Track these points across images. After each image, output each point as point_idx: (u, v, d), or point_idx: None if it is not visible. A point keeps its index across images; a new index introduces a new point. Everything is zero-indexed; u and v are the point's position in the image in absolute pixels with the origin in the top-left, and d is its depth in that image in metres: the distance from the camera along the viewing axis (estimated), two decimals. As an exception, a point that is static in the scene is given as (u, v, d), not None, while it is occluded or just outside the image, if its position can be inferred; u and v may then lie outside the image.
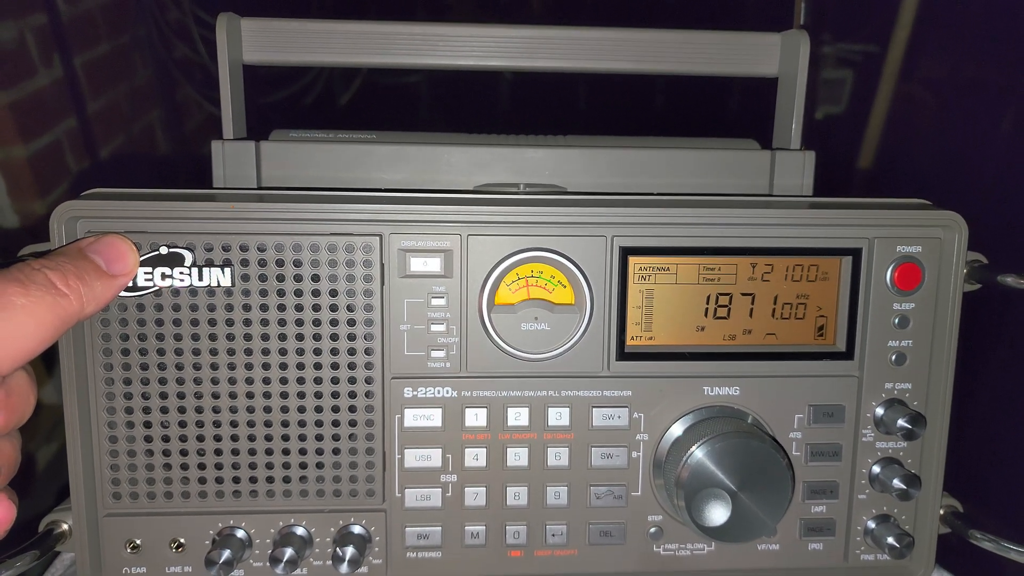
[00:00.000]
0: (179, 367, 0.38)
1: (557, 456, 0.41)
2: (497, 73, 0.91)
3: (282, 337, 0.38)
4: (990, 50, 0.49)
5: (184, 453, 0.39)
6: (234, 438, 0.39)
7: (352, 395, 0.39)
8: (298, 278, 0.38)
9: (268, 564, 0.39)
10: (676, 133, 0.53)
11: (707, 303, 0.41)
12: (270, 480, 0.40)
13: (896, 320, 0.41)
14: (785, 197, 0.48)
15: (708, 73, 0.52)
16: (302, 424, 0.39)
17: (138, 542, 0.40)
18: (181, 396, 0.38)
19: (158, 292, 0.37)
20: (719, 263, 0.40)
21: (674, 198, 0.43)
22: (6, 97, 0.49)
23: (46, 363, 0.44)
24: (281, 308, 0.38)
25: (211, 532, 0.40)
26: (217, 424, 0.39)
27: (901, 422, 0.40)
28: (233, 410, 0.39)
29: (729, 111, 0.84)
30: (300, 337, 0.38)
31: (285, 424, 0.39)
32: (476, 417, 0.40)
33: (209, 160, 0.47)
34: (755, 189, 0.50)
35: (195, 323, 0.38)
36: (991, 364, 0.49)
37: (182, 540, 0.40)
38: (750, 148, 0.51)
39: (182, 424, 0.39)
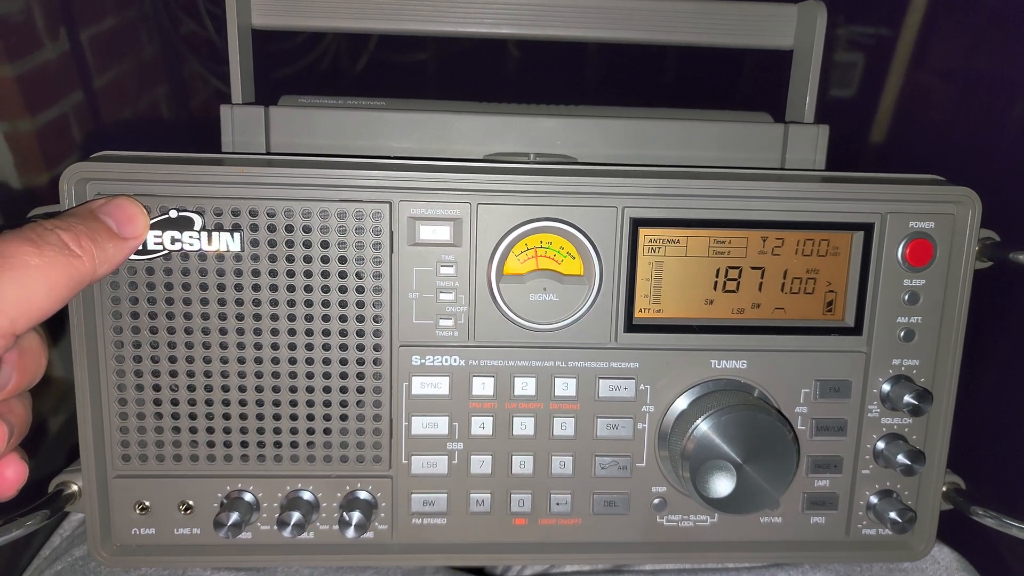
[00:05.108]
0: (188, 331, 0.38)
1: (563, 426, 0.41)
2: (507, 43, 0.90)
3: (291, 303, 0.38)
4: (1006, 26, 0.48)
5: (193, 417, 0.39)
6: (242, 403, 0.39)
7: (360, 362, 0.39)
8: (307, 244, 0.38)
9: (275, 527, 0.40)
10: (689, 104, 0.52)
11: (716, 276, 0.41)
12: (278, 445, 0.40)
13: (906, 296, 0.41)
14: (797, 171, 0.48)
15: (722, 44, 0.51)
16: (310, 390, 0.39)
17: (147, 503, 0.40)
18: (190, 360, 0.39)
19: (167, 256, 0.37)
20: (729, 236, 0.40)
21: (686, 170, 0.42)
22: (12, 70, 0.49)
23: (56, 328, 0.44)
24: (290, 274, 0.38)
25: (219, 495, 0.40)
26: (226, 388, 0.39)
27: (907, 398, 0.40)
28: (241, 375, 0.39)
29: (743, 83, 0.84)
30: (309, 303, 0.38)
31: (293, 390, 0.39)
32: (483, 386, 0.41)
33: (216, 133, 0.47)
34: (767, 163, 0.50)
35: (204, 287, 0.38)
36: (999, 342, 0.49)
37: (191, 502, 0.40)
38: (763, 121, 0.51)
39: (191, 388, 0.39)
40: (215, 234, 0.37)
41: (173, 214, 0.37)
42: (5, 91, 0.49)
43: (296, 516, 0.39)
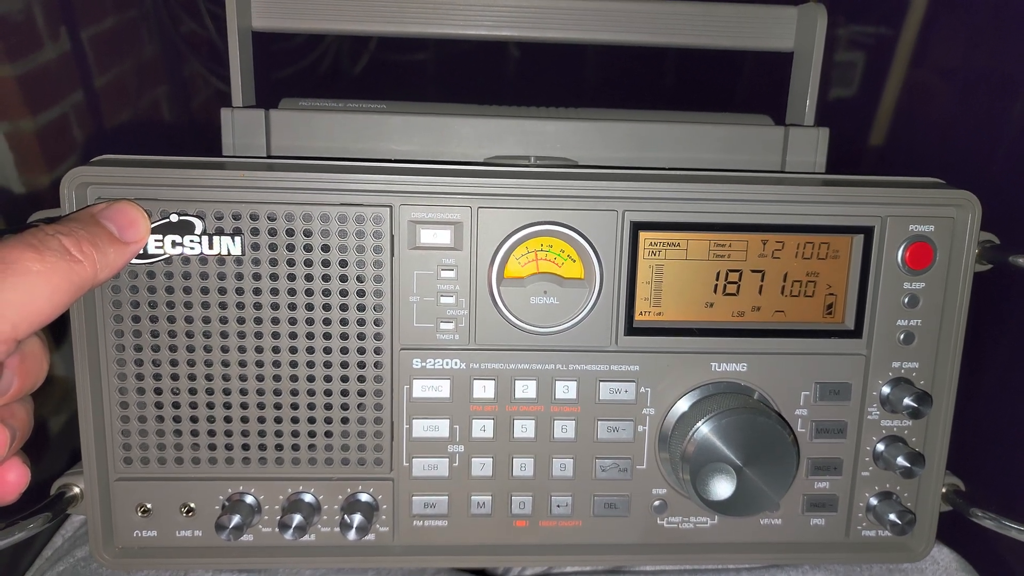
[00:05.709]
0: (189, 335, 0.38)
1: (563, 429, 0.41)
2: (508, 46, 0.90)
3: (292, 307, 0.38)
4: (1006, 26, 0.48)
5: (194, 420, 0.39)
6: (244, 405, 0.39)
7: (361, 365, 0.40)
8: (308, 248, 0.38)
9: (277, 529, 0.40)
10: (689, 107, 0.52)
11: (716, 279, 0.41)
12: (279, 448, 0.40)
13: (906, 299, 0.41)
14: (797, 174, 0.48)
15: (722, 47, 0.51)
16: (311, 393, 0.39)
17: (149, 506, 0.40)
18: (191, 364, 0.39)
19: (168, 260, 0.37)
20: (730, 239, 0.40)
21: (686, 173, 0.42)
22: (13, 70, 0.49)
23: (58, 331, 0.45)
24: (291, 278, 0.38)
25: (221, 497, 0.41)
26: (227, 391, 0.39)
27: (907, 401, 0.41)
28: (243, 378, 0.39)
29: (743, 86, 0.84)
30: (310, 307, 0.38)
31: (294, 393, 0.39)
32: (484, 389, 0.41)
33: (217, 133, 0.47)
34: (768, 165, 0.50)
35: (205, 291, 0.38)
36: (999, 345, 0.49)
37: (192, 505, 0.40)
38: (763, 124, 0.51)
39: (192, 391, 0.39)
40: (216, 238, 0.37)
41: (174, 218, 0.37)
42: (6, 91, 0.49)
43: (297, 518, 0.39)
